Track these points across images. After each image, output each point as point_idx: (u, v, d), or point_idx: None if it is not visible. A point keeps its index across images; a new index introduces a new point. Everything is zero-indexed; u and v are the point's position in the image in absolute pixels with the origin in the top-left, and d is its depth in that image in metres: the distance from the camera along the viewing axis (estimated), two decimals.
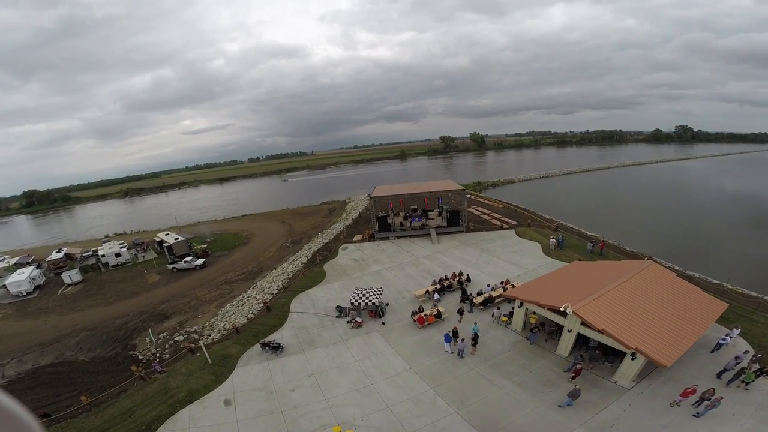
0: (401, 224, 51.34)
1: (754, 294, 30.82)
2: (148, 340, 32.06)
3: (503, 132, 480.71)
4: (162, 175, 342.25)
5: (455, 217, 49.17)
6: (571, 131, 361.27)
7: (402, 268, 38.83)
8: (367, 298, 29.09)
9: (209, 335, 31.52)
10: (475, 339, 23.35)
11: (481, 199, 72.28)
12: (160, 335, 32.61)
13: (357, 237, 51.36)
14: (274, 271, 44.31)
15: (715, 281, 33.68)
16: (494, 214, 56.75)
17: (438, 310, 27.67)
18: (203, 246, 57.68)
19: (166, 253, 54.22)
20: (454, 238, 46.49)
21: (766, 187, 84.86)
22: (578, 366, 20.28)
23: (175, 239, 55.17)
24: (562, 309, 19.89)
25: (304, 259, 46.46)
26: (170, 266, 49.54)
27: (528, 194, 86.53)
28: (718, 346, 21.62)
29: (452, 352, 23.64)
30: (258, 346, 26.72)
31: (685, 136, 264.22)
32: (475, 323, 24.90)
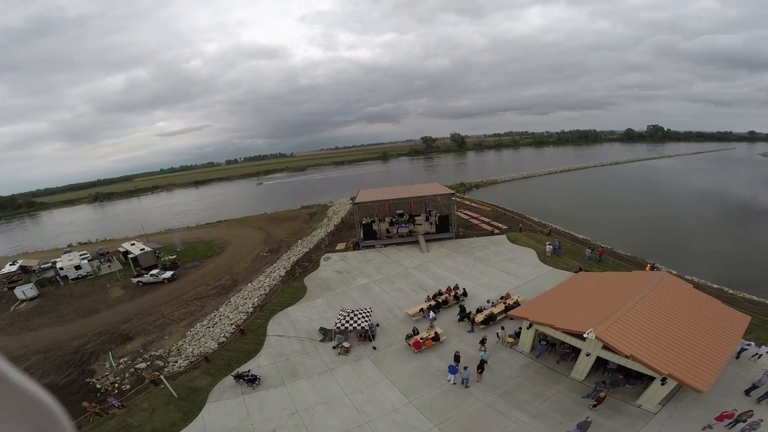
0: (387, 231, 48.42)
1: (756, 299, 29.54)
2: (107, 365, 28.50)
3: (482, 132, 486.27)
4: (135, 179, 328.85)
5: (444, 222, 46.44)
6: (547, 131, 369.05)
7: (391, 281, 35.93)
8: (354, 322, 25.90)
9: (176, 362, 27.77)
10: (481, 365, 20.79)
11: (467, 202, 70.04)
12: (122, 360, 28.87)
13: (340, 245, 48.05)
14: (249, 285, 40.47)
15: (714, 285, 32.29)
16: (483, 218, 54.56)
17: (436, 332, 24.81)
18: (172, 257, 53.28)
19: (132, 265, 49.71)
20: (444, 245, 43.87)
21: (741, 184, 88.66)
22: (601, 394, 18.00)
23: (141, 250, 50.78)
24: (585, 335, 17.46)
25: (283, 272, 42.70)
26: (135, 279, 45.25)
27: (512, 195, 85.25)
28: (741, 352, 20.59)
29: (455, 383, 20.86)
30: (231, 377, 23.41)
31: (657, 135, 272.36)
32: (485, 350, 22.24)
